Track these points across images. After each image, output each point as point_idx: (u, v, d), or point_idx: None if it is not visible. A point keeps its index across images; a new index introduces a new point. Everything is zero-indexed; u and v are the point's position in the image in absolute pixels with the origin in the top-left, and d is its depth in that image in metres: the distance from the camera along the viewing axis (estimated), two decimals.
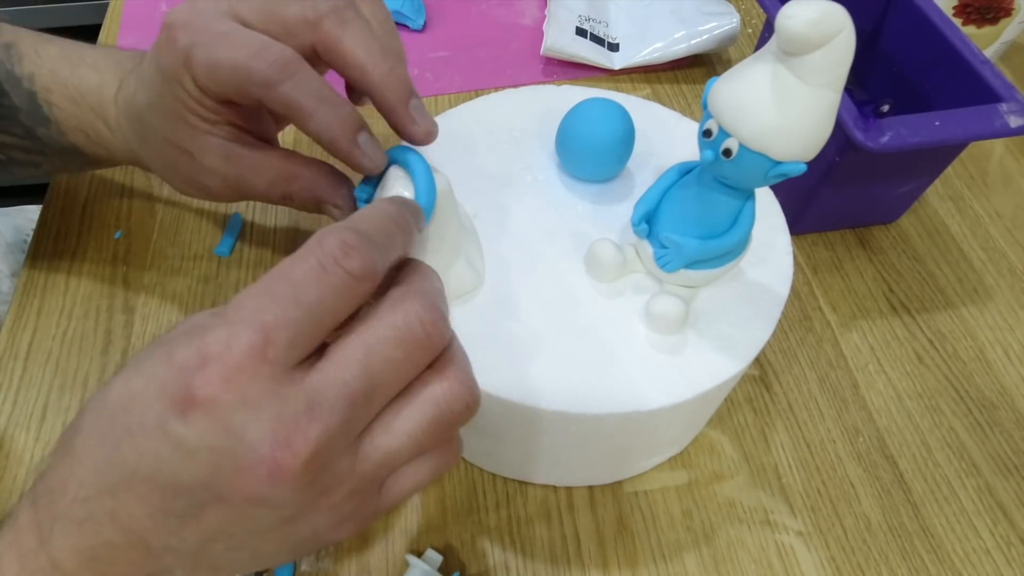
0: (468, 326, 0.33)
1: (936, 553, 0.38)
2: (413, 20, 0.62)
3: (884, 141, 0.40)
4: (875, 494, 0.40)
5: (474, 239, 0.35)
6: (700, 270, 0.33)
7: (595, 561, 0.37)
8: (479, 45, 0.62)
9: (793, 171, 0.27)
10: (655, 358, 0.32)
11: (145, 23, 0.62)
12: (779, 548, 0.38)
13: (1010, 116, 0.41)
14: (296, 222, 0.49)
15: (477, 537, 0.38)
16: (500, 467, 0.39)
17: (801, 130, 0.26)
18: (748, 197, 0.31)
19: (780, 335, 0.46)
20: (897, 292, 0.48)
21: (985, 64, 0.44)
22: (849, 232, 0.51)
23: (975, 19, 0.55)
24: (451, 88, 0.58)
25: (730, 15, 0.59)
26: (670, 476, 0.40)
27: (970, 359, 0.45)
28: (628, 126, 0.36)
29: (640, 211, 0.33)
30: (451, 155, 0.39)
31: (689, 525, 0.38)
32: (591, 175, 0.38)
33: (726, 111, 0.27)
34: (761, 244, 0.36)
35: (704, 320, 0.34)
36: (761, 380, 0.44)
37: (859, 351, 0.45)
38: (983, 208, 0.53)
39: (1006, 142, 0.57)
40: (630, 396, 0.31)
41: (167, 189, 0.51)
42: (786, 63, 0.25)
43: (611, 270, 0.34)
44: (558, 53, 0.58)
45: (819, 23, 0.24)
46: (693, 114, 0.56)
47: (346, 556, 0.37)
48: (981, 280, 0.49)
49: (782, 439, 0.42)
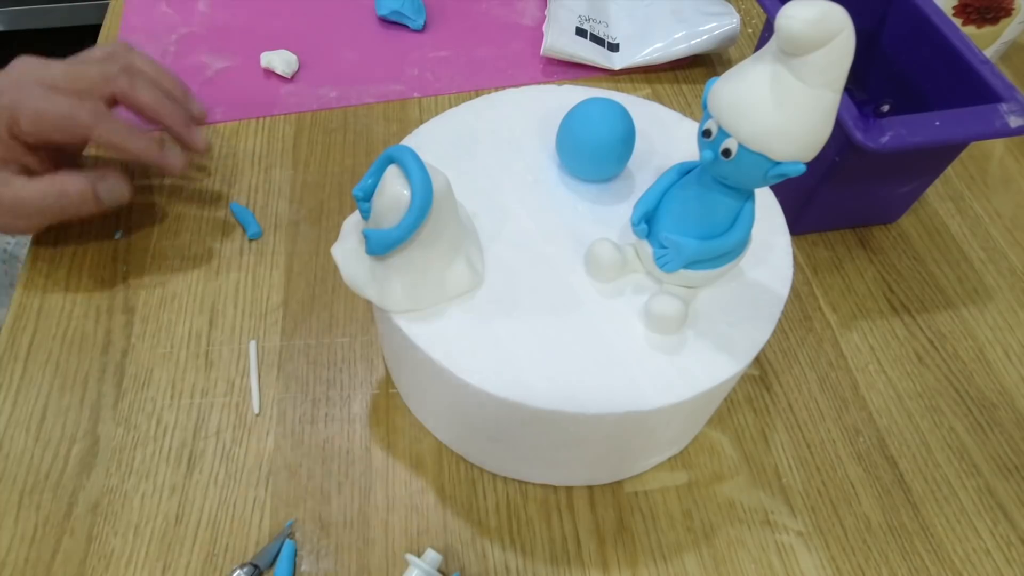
0: (468, 326, 0.33)
1: (936, 553, 0.38)
2: (413, 20, 0.62)
3: (884, 141, 0.40)
4: (875, 494, 0.40)
5: (474, 239, 0.35)
6: (700, 270, 0.33)
7: (595, 561, 0.37)
8: (479, 45, 0.62)
9: (792, 171, 0.27)
10: (655, 358, 0.32)
11: (145, 23, 0.62)
12: (779, 548, 0.38)
13: (1010, 116, 0.41)
14: (296, 222, 0.49)
15: (477, 537, 0.38)
16: (500, 467, 0.39)
17: (801, 130, 0.26)
18: (748, 197, 0.31)
19: (780, 335, 0.46)
20: (897, 292, 0.48)
21: (985, 64, 0.44)
22: (849, 232, 0.51)
23: (975, 19, 0.55)
24: (451, 88, 0.58)
25: (730, 15, 0.59)
26: (670, 476, 0.40)
27: (970, 359, 0.45)
28: (628, 126, 0.36)
29: (640, 211, 0.33)
30: (451, 155, 0.39)
31: (689, 525, 0.38)
32: (591, 175, 0.38)
33: (726, 111, 0.27)
34: (761, 244, 0.36)
35: (704, 320, 0.34)
36: (761, 380, 0.44)
37: (859, 351, 0.45)
38: (983, 208, 0.53)
39: (1006, 142, 0.57)
40: (629, 396, 0.31)
41: (167, 189, 0.51)
42: (786, 63, 0.25)
43: (611, 270, 0.34)
44: (558, 53, 0.58)
45: (819, 23, 0.24)
46: (693, 114, 0.56)
47: (346, 556, 0.37)
48: (981, 280, 0.49)
49: (782, 439, 0.42)
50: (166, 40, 0.61)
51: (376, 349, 0.44)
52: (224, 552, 0.37)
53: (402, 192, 0.30)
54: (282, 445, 0.40)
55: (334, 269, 0.47)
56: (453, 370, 0.31)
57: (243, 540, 0.37)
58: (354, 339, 0.44)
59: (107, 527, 0.37)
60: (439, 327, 0.33)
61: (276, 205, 0.50)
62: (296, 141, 0.54)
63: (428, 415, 0.40)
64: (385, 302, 0.33)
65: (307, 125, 0.55)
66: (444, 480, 0.39)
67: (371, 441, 0.40)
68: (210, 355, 0.43)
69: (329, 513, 0.38)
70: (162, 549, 0.37)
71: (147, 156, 0.42)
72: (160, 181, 0.52)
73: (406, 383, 0.40)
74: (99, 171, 0.43)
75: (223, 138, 0.54)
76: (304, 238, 0.49)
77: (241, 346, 0.44)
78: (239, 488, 0.39)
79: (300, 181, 0.52)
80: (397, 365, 0.40)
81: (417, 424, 0.41)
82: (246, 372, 0.42)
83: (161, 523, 0.37)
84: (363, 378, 0.43)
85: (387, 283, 0.32)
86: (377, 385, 0.42)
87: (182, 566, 0.36)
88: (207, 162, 0.53)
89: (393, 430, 0.41)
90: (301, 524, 0.37)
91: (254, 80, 0.58)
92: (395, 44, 0.61)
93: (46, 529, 0.37)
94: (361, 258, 0.33)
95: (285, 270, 0.47)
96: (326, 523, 0.38)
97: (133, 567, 0.36)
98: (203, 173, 0.52)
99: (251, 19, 0.63)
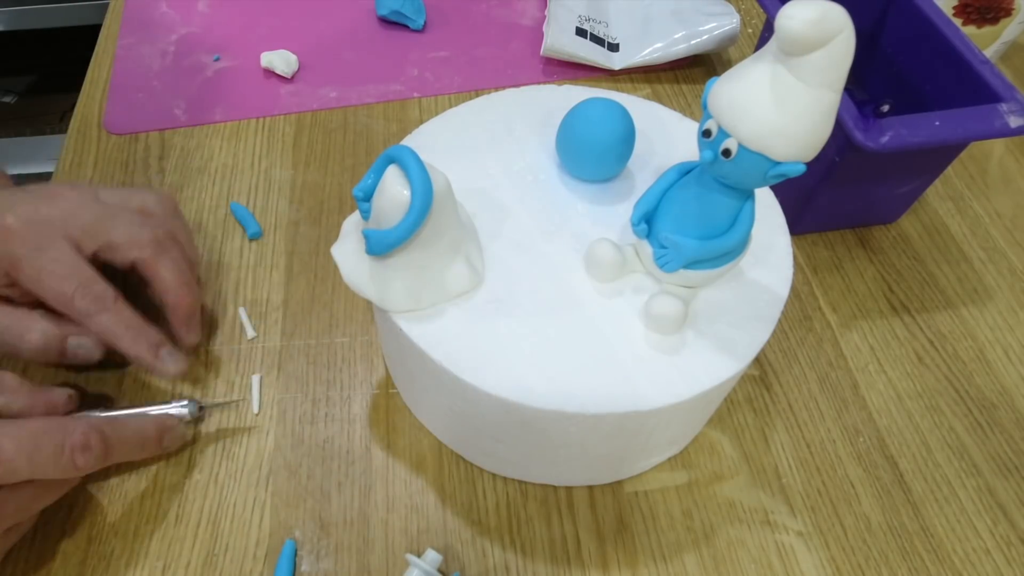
0: (468, 326, 0.33)
1: (936, 553, 0.38)
2: (413, 20, 0.62)
3: (884, 141, 0.40)
4: (875, 494, 0.40)
5: (474, 239, 0.35)
6: (699, 270, 0.33)
7: (595, 561, 0.37)
8: (479, 45, 0.62)
9: (792, 171, 0.27)
10: (654, 358, 0.32)
11: (145, 23, 0.62)
12: (779, 548, 0.38)
13: (1010, 116, 0.41)
14: (296, 222, 0.49)
15: (477, 537, 0.38)
16: (500, 467, 0.39)
17: (801, 130, 0.26)
18: (748, 197, 0.31)
19: (780, 335, 0.46)
20: (897, 292, 0.48)
21: (985, 64, 0.44)
22: (849, 232, 0.51)
23: (975, 19, 0.55)
24: (451, 88, 0.58)
25: (730, 15, 0.59)
26: (670, 476, 0.40)
27: (970, 359, 0.45)
28: (628, 126, 0.36)
29: (640, 211, 0.33)
30: (451, 155, 0.39)
31: (689, 525, 0.38)
32: (591, 175, 0.38)
33: (726, 111, 0.27)
34: (761, 244, 0.36)
35: (703, 320, 0.34)
36: (761, 380, 0.44)
37: (859, 351, 0.45)
38: (983, 208, 0.53)
39: (1006, 142, 0.57)
40: (629, 396, 0.31)
41: (167, 189, 0.51)
42: (786, 63, 0.25)
43: (610, 270, 0.34)
44: (558, 53, 0.58)
45: (819, 23, 0.24)
46: (693, 114, 0.56)
47: (346, 556, 0.37)
48: (981, 280, 0.49)
49: (782, 439, 0.42)
50: (166, 40, 0.61)
51: (376, 349, 0.44)
52: (224, 552, 0.37)
53: (402, 192, 0.30)
54: (282, 445, 0.40)
55: (334, 269, 0.47)
56: (453, 370, 0.31)
57: (243, 540, 0.37)
58: (354, 339, 0.44)
59: (107, 527, 0.37)
60: (439, 327, 0.33)
61: (276, 205, 0.50)
62: (296, 141, 0.54)
63: (428, 415, 0.40)
64: (385, 302, 0.33)
65: (307, 125, 0.55)
66: (444, 480, 0.39)
67: (371, 441, 0.40)
68: (210, 355, 0.43)
69: (329, 513, 0.38)
70: (162, 549, 0.37)
71: (140, 361, 0.38)
72: (160, 178, 0.52)
73: (406, 383, 0.40)
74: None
75: (223, 138, 0.54)
76: (304, 238, 0.49)
77: (241, 346, 0.44)
78: (239, 488, 0.39)
79: (300, 181, 0.52)
80: (397, 365, 0.40)
81: (417, 424, 0.41)
82: (246, 372, 0.42)
83: (161, 523, 0.37)
84: (363, 378, 0.43)
85: (387, 283, 0.32)
86: (377, 385, 0.42)
87: (182, 566, 0.36)
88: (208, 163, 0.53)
89: (393, 430, 0.41)
90: (301, 524, 0.37)
91: (254, 80, 0.58)
92: (395, 44, 0.61)
93: (46, 529, 0.37)
94: (361, 258, 0.33)
95: (285, 270, 0.47)
96: (326, 523, 0.38)
97: (133, 567, 0.36)
98: (203, 174, 0.52)
99: (251, 19, 0.63)
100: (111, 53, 0.60)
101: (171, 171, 0.52)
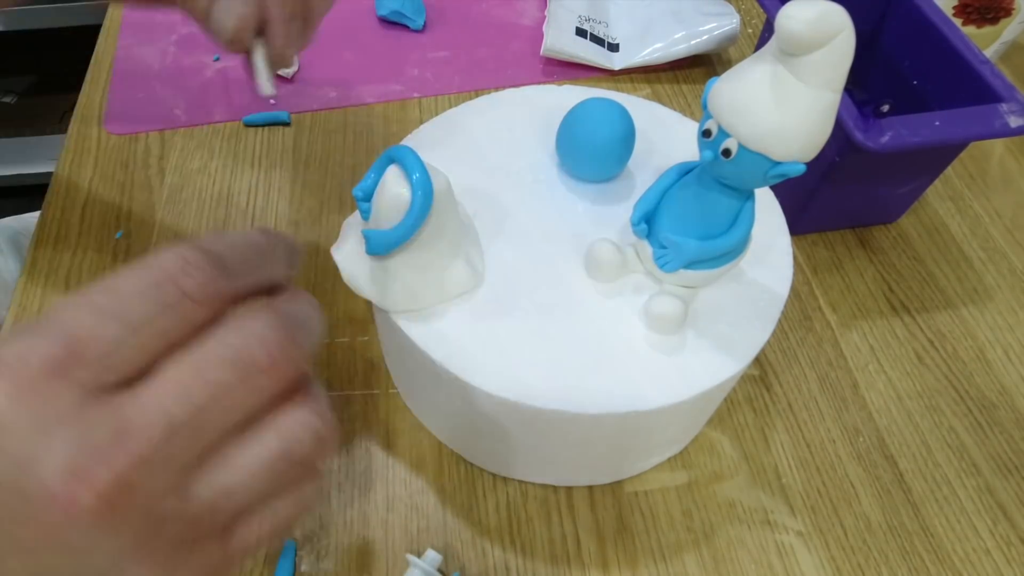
0: (468, 326, 0.33)
1: (936, 553, 0.38)
2: (413, 20, 0.62)
3: (884, 141, 0.40)
4: (875, 494, 0.40)
5: (474, 239, 0.35)
6: (699, 270, 0.33)
7: (595, 561, 0.37)
8: (479, 45, 0.62)
9: (792, 171, 0.27)
10: (654, 358, 0.32)
11: (145, 24, 0.62)
12: (779, 548, 0.38)
13: (1010, 116, 0.41)
14: (296, 222, 0.49)
15: (477, 537, 0.38)
16: (500, 467, 0.39)
17: (800, 130, 0.26)
18: (748, 197, 0.31)
19: (780, 335, 0.46)
20: (897, 292, 0.48)
21: (985, 64, 0.44)
22: (849, 232, 0.51)
23: (975, 19, 0.55)
24: (451, 88, 0.58)
25: (730, 15, 0.59)
26: (670, 476, 0.40)
27: (970, 359, 0.45)
28: (628, 126, 0.36)
29: (640, 211, 0.33)
30: (451, 155, 0.39)
31: (689, 525, 0.38)
32: (591, 175, 0.38)
33: (726, 111, 0.27)
34: (761, 244, 0.36)
35: (703, 320, 0.34)
36: (761, 380, 0.44)
37: (859, 351, 0.45)
38: (983, 208, 0.53)
39: (1006, 142, 0.57)
40: (629, 396, 0.31)
41: (167, 189, 0.51)
42: (786, 63, 0.25)
43: (610, 270, 0.34)
44: (558, 53, 0.58)
45: (819, 23, 0.24)
46: (693, 114, 0.56)
47: (346, 556, 0.37)
48: (981, 280, 0.49)
49: (782, 439, 0.42)
50: (166, 40, 0.61)
51: (376, 349, 0.44)
52: None
53: (402, 192, 0.30)
54: None
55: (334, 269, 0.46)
56: (453, 370, 0.31)
57: None
58: (354, 339, 0.44)
59: None
60: (439, 327, 0.33)
61: (276, 205, 0.50)
62: (296, 141, 0.54)
63: (428, 415, 0.40)
64: (385, 302, 0.33)
65: (307, 125, 0.55)
66: (444, 480, 0.39)
67: (371, 441, 0.40)
68: None
69: (329, 513, 0.38)
70: None
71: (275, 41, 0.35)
72: (160, 178, 0.52)
73: (406, 383, 0.40)
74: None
75: (223, 138, 0.54)
76: (304, 238, 0.49)
77: None
78: None
79: (300, 181, 0.52)
80: (397, 365, 0.40)
81: (417, 424, 0.41)
82: None
83: None
84: (363, 378, 0.43)
85: (387, 283, 0.32)
86: (377, 385, 0.42)
87: None
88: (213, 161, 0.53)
89: (393, 430, 0.41)
90: (301, 524, 0.37)
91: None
92: (395, 44, 0.61)
93: None
94: (361, 258, 0.33)
95: None
96: (326, 523, 0.38)
97: None
98: (203, 174, 0.52)
99: None
100: (111, 53, 0.60)
101: (171, 171, 0.52)
